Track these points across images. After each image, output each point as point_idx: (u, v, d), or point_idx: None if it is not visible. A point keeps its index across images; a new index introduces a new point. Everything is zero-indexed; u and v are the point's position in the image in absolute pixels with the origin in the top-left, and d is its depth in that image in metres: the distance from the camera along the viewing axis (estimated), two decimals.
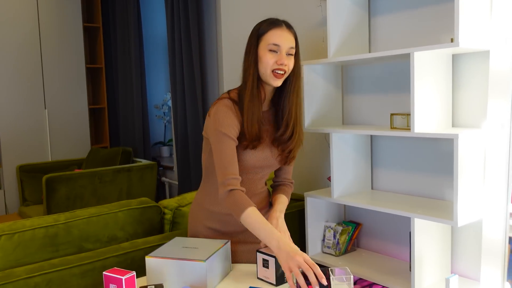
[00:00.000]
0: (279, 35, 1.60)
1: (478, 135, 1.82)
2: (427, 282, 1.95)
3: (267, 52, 1.59)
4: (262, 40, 1.61)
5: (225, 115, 1.61)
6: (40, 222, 1.80)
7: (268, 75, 1.60)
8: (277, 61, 1.59)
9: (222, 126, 1.59)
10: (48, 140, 4.96)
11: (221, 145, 1.59)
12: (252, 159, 1.67)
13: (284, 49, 1.60)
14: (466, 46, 1.71)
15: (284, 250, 1.42)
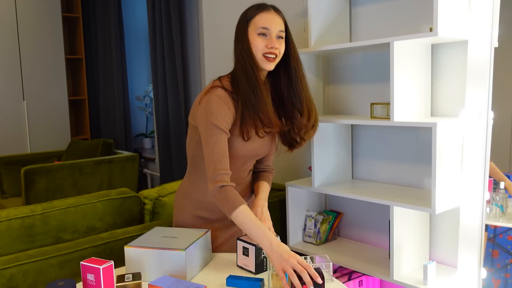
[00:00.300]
0: (267, 18, 1.58)
1: (456, 124, 1.84)
2: (406, 269, 1.98)
3: (256, 36, 1.58)
4: (251, 24, 1.59)
5: (218, 107, 1.55)
6: (16, 212, 1.77)
7: (259, 59, 1.58)
8: (267, 44, 1.57)
9: (215, 118, 1.54)
10: (27, 132, 4.89)
11: (213, 137, 1.54)
12: (243, 149, 1.64)
13: (274, 32, 1.58)
14: (444, 35, 1.72)
15: (276, 251, 1.41)
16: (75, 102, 5.50)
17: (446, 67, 1.96)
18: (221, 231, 1.80)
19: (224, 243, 1.81)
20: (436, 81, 2.01)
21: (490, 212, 2.35)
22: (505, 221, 2.31)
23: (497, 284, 2.82)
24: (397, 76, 1.82)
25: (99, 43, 5.11)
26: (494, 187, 2.37)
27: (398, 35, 2.13)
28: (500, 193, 2.35)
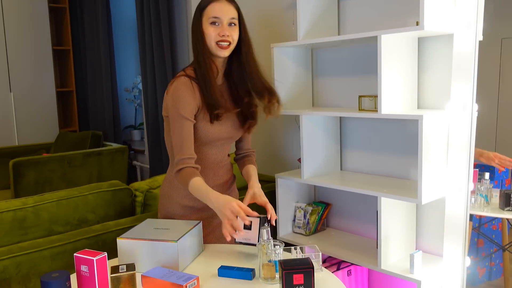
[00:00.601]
0: (218, 7, 1.65)
1: (441, 116, 1.89)
2: (393, 259, 2.03)
3: (208, 25, 1.65)
4: (204, 15, 1.66)
5: (182, 94, 1.64)
6: (7, 205, 1.78)
7: (213, 47, 1.65)
8: (219, 33, 1.64)
9: (180, 106, 1.63)
10: (14, 124, 4.85)
11: (179, 125, 1.64)
12: (215, 132, 1.71)
13: (225, 20, 1.65)
14: (430, 29, 1.76)
15: (219, 203, 1.54)
16: (62, 94, 5.46)
17: (432, 60, 2.00)
18: (209, 220, 1.83)
19: (211, 233, 1.84)
20: (423, 74, 2.05)
21: (475, 202, 2.41)
22: (489, 211, 2.37)
23: (482, 273, 2.90)
24: (384, 69, 1.86)
25: (87, 34, 5.08)
26: (479, 178, 2.42)
27: (385, 29, 2.16)
28: (485, 184, 2.41)
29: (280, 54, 2.34)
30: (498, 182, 2.65)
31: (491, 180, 2.60)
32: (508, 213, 2.32)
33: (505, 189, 2.38)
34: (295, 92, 2.44)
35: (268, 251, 1.47)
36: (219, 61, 1.72)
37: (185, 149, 1.63)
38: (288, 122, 2.77)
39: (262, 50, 2.89)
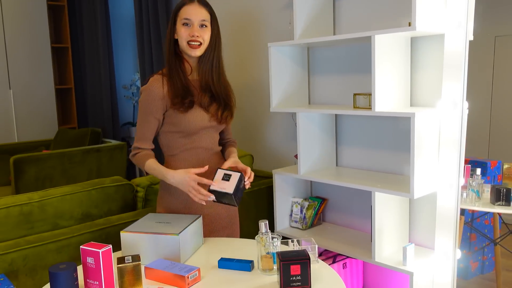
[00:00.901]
0: (190, 10, 1.77)
1: (433, 113, 1.95)
2: (386, 251, 2.10)
3: (181, 26, 1.77)
4: (178, 16, 1.79)
5: (152, 91, 1.78)
6: (14, 200, 1.84)
7: (185, 46, 1.78)
8: (189, 33, 1.76)
9: (148, 102, 1.78)
10: (14, 121, 4.89)
11: (144, 118, 1.80)
12: (196, 121, 1.81)
13: (196, 22, 1.77)
14: (422, 29, 1.82)
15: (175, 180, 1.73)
16: (61, 91, 5.50)
17: (424, 60, 2.07)
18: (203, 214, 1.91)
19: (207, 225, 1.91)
20: (415, 73, 2.11)
21: (466, 197, 2.48)
22: (480, 205, 2.44)
23: (475, 267, 2.97)
24: (378, 68, 1.92)
25: (85, 32, 5.12)
26: (471, 174, 2.49)
27: (379, 29, 2.23)
28: (476, 179, 2.48)
29: (277, 53, 2.40)
30: (491, 177, 2.71)
31: (483, 176, 2.67)
32: (499, 207, 2.38)
33: (496, 184, 2.45)
34: (292, 90, 2.50)
35: (266, 243, 1.53)
36: (192, 60, 1.84)
37: (144, 141, 1.82)
38: (284, 120, 2.84)
39: (259, 49, 2.96)
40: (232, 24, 3.13)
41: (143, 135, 1.82)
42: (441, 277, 2.07)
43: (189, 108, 1.79)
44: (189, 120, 1.80)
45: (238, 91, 3.14)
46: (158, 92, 1.77)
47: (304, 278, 1.42)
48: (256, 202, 2.60)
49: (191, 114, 1.80)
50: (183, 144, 1.84)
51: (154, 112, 1.78)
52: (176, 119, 1.80)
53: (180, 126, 1.80)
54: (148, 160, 1.80)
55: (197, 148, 1.85)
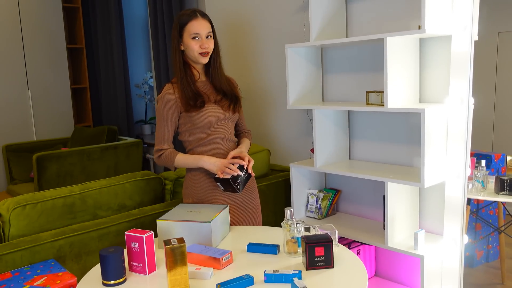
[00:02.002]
0: (197, 25, 1.98)
1: (441, 109, 2.10)
2: (398, 237, 2.26)
3: (191, 40, 1.98)
4: (185, 30, 1.99)
5: (166, 99, 2.00)
6: (58, 193, 2.01)
7: (196, 56, 2.00)
8: (201, 45, 1.99)
9: (164, 108, 2.01)
10: (33, 120, 5.05)
11: (163, 123, 2.02)
12: (210, 114, 2.03)
13: (203, 34, 1.99)
14: (431, 32, 1.97)
15: (211, 162, 1.97)
16: (76, 91, 5.65)
17: (432, 59, 2.22)
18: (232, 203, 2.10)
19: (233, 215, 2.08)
20: (424, 72, 2.26)
21: (472, 187, 2.63)
22: (485, 195, 2.59)
23: (480, 255, 3.10)
24: (390, 67, 2.07)
25: (99, 33, 5.25)
26: (476, 165, 2.64)
27: (388, 30, 2.38)
28: (481, 171, 2.62)
29: (293, 54, 2.55)
30: (495, 169, 2.85)
31: (488, 168, 2.80)
32: (503, 197, 2.53)
33: (500, 175, 2.59)
34: (307, 88, 2.65)
35: (291, 229, 1.69)
36: (199, 66, 2.08)
37: (165, 142, 2.03)
38: (300, 116, 2.99)
39: (275, 49, 3.11)
40: (249, 27, 3.27)
41: (163, 137, 2.03)
42: (450, 261, 2.22)
43: (202, 108, 2.01)
44: (204, 116, 2.01)
45: (256, 90, 3.29)
46: (171, 98, 2.00)
47: (327, 258, 1.57)
48: (274, 194, 2.76)
49: (205, 110, 2.01)
50: (202, 137, 2.04)
51: (171, 116, 2.02)
52: (193, 117, 2.01)
53: (197, 123, 2.02)
54: (177, 156, 2.01)
55: (215, 139, 2.06)
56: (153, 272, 1.58)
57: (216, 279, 1.50)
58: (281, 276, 1.47)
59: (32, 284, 1.67)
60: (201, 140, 2.04)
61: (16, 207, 1.90)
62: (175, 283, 1.43)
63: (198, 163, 1.99)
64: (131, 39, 5.46)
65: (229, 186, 1.94)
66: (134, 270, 1.59)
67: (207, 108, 2.02)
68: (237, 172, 1.92)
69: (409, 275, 2.51)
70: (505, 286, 2.83)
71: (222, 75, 2.11)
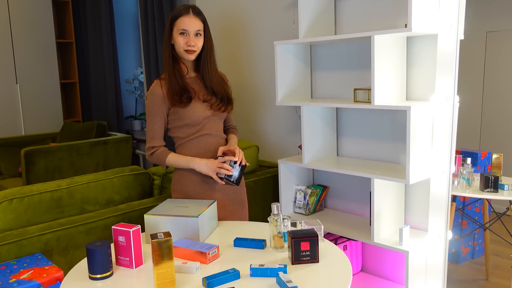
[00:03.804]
0: (186, 21, 1.98)
1: (427, 107, 2.13)
2: (384, 233, 2.29)
3: (178, 35, 1.99)
4: (175, 25, 2.00)
5: (155, 94, 2.01)
6: (45, 187, 2.01)
7: (182, 52, 2.00)
8: (187, 42, 1.98)
9: (152, 105, 2.01)
10: (21, 115, 5.03)
11: (153, 119, 2.03)
12: (194, 112, 2.03)
13: (192, 32, 1.99)
14: (417, 30, 2.00)
15: (203, 164, 1.98)
16: (65, 86, 5.62)
17: (419, 57, 2.25)
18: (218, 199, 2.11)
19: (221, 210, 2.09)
20: (411, 70, 2.29)
21: (458, 184, 2.67)
22: (471, 192, 2.63)
23: (466, 251, 3.15)
24: (377, 65, 2.10)
25: (89, 27, 5.23)
26: (462, 163, 2.68)
27: (377, 29, 2.40)
28: (467, 168, 2.66)
29: (282, 51, 2.57)
30: (481, 167, 2.89)
31: (474, 166, 2.84)
32: (487, 194, 2.57)
33: (485, 173, 2.63)
34: (295, 85, 2.67)
35: (277, 224, 1.71)
36: (188, 62, 2.07)
37: (156, 139, 2.03)
38: (289, 113, 3.01)
39: (264, 46, 3.12)
40: (239, 24, 3.28)
41: (154, 134, 2.03)
42: (434, 256, 2.26)
43: (188, 103, 2.01)
44: (191, 112, 2.02)
45: (245, 86, 3.30)
46: (159, 94, 2.01)
47: (312, 253, 1.59)
48: (262, 190, 2.78)
49: (192, 107, 2.02)
50: (191, 133, 2.05)
51: (160, 112, 2.02)
52: (181, 113, 2.02)
53: (185, 119, 2.02)
54: (169, 156, 2.03)
55: (204, 135, 2.07)
56: (140, 266, 1.59)
57: (202, 273, 1.52)
58: (267, 270, 1.49)
59: (19, 278, 1.68)
60: (190, 136, 2.06)
61: (3, 201, 1.90)
62: (161, 276, 1.44)
63: (190, 165, 2.01)
64: (121, 34, 5.44)
65: (228, 183, 1.99)
66: (121, 264, 1.59)
67: (194, 105, 2.03)
68: (230, 170, 1.94)
69: (394, 270, 2.55)
70: (489, 282, 2.87)
71: (214, 75, 2.10)
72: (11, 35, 4.87)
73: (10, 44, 4.88)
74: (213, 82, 2.09)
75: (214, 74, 2.11)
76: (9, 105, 4.93)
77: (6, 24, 4.82)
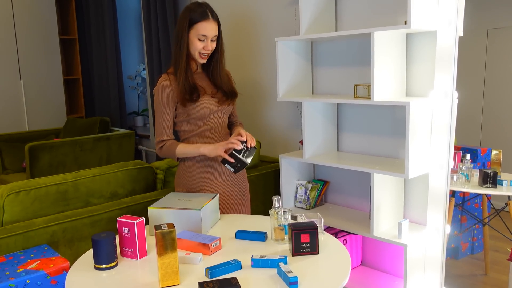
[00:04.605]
0: (208, 28, 2.00)
1: (426, 102, 2.17)
2: (383, 227, 2.32)
3: (196, 40, 2.01)
4: (193, 28, 2.01)
5: (163, 89, 2.03)
6: (51, 180, 2.05)
7: (196, 55, 2.05)
8: (204, 47, 2.02)
9: (161, 99, 2.03)
10: (25, 110, 5.07)
11: (161, 113, 2.04)
12: (202, 107, 2.06)
13: (210, 37, 2.03)
14: (417, 27, 2.03)
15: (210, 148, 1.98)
16: (69, 82, 5.66)
17: (418, 54, 2.28)
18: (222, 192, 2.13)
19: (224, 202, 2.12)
20: (410, 66, 2.32)
21: (457, 180, 2.70)
22: (470, 187, 2.66)
23: (465, 247, 3.18)
24: (377, 61, 2.13)
25: (92, 24, 5.26)
26: (462, 159, 2.70)
27: (377, 25, 2.43)
28: (466, 164, 2.69)
29: (283, 47, 2.60)
30: (481, 164, 2.91)
31: (474, 162, 2.87)
32: (486, 189, 2.60)
33: (484, 168, 2.66)
34: (297, 81, 2.71)
35: (278, 217, 1.74)
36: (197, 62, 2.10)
37: (165, 133, 2.05)
38: (290, 108, 3.04)
39: (266, 43, 3.16)
40: (241, 20, 3.31)
41: (163, 128, 2.05)
42: (432, 250, 2.29)
43: (197, 100, 2.04)
44: (199, 107, 2.05)
45: (247, 82, 3.34)
46: (167, 88, 2.03)
47: (312, 245, 1.63)
48: (264, 184, 2.82)
49: (200, 102, 2.05)
50: (197, 127, 2.08)
51: (168, 105, 2.04)
52: (188, 108, 2.04)
53: (192, 114, 2.05)
54: (178, 146, 2.04)
55: (209, 130, 2.10)
56: (144, 257, 1.63)
57: (205, 264, 1.55)
58: (268, 261, 1.53)
59: (26, 268, 1.72)
60: (195, 131, 2.09)
61: (10, 193, 1.94)
62: (165, 266, 1.48)
63: (199, 150, 2.01)
64: (124, 30, 5.47)
65: (238, 162, 1.94)
66: (125, 255, 1.63)
67: (202, 100, 2.06)
68: (238, 144, 1.93)
69: (393, 264, 2.58)
70: (488, 277, 2.90)
71: (224, 75, 2.14)
72: (15, 31, 4.91)
73: (14, 41, 4.91)
74: (223, 83, 2.13)
75: (223, 74, 2.15)
76: (13, 101, 4.97)
77: (10, 20, 4.85)
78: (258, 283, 1.40)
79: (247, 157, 1.96)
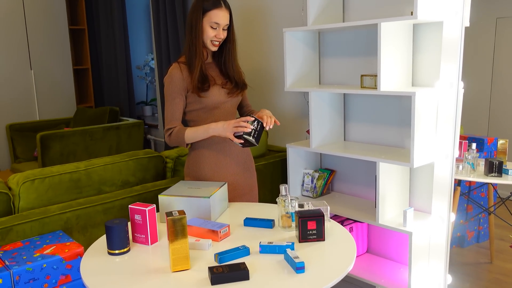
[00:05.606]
0: (221, 16, 2.03)
1: (432, 92, 2.19)
2: (389, 215, 2.36)
3: (209, 27, 2.04)
4: (206, 16, 2.03)
5: (174, 76, 2.05)
6: (64, 168, 2.11)
7: (208, 43, 2.07)
8: (216, 35, 2.05)
9: (171, 87, 2.05)
10: (35, 100, 5.13)
11: (172, 101, 2.06)
12: (215, 96, 2.10)
13: (222, 26, 2.06)
14: (423, 18, 2.05)
15: (220, 127, 1.98)
16: (78, 72, 5.71)
17: (424, 44, 2.30)
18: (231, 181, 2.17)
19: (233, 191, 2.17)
20: (416, 56, 2.34)
21: (462, 169, 2.72)
22: (475, 177, 2.68)
23: (471, 236, 3.20)
24: (383, 52, 2.15)
25: (101, 14, 5.30)
26: (468, 148, 2.72)
27: (383, 16, 2.45)
28: (472, 153, 2.71)
29: (291, 37, 2.63)
30: (488, 153, 2.93)
31: (481, 151, 2.88)
32: (491, 178, 2.62)
33: (490, 158, 2.68)
34: (304, 71, 2.73)
35: (286, 204, 1.78)
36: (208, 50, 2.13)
37: (174, 120, 2.06)
38: (297, 98, 3.08)
39: (274, 33, 3.18)
40: (249, 11, 3.34)
41: (173, 116, 2.07)
42: (437, 237, 2.33)
43: (208, 90, 2.07)
44: (209, 97, 2.08)
45: (254, 73, 3.37)
46: (178, 76, 2.05)
47: (319, 232, 1.67)
48: (271, 173, 2.86)
49: (211, 91, 2.08)
50: (207, 117, 2.11)
51: (179, 93, 2.06)
52: (198, 97, 2.07)
53: (202, 103, 2.08)
54: (187, 130, 2.05)
55: (219, 120, 2.12)
56: (155, 243, 1.68)
57: (214, 250, 1.60)
58: (275, 247, 1.57)
59: (42, 253, 1.78)
60: (204, 120, 2.12)
61: (26, 181, 2.00)
62: (176, 251, 1.53)
63: (208, 131, 2.02)
64: (133, 20, 5.50)
65: (247, 142, 1.97)
66: (137, 241, 1.68)
67: (212, 89, 2.09)
68: (247, 126, 1.94)
69: (398, 251, 2.63)
70: (493, 265, 2.93)
71: (236, 66, 2.17)
72: (25, 22, 4.96)
73: (24, 32, 4.96)
74: (235, 74, 2.15)
75: (235, 64, 2.17)
76: (23, 90, 5.03)
77: (20, 11, 4.90)
78: (266, 268, 1.45)
79: (257, 138, 1.97)
